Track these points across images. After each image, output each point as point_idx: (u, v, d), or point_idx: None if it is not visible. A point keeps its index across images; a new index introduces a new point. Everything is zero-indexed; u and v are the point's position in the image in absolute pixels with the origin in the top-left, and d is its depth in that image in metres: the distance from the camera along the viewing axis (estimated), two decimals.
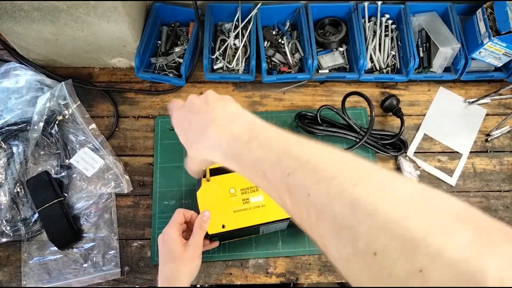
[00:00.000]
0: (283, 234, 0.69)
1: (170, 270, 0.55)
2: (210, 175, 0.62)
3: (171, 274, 0.54)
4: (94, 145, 0.74)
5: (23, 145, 0.73)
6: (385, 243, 0.21)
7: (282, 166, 0.31)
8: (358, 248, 0.23)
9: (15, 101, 0.75)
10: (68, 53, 0.79)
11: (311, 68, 0.77)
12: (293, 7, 0.83)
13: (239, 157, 0.35)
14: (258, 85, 0.82)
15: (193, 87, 0.82)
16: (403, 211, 0.22)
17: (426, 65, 0.81)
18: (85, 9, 0.67)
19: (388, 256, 0.21)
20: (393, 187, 0.25)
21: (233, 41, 0.82)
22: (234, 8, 0.82)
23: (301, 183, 0.28)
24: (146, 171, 0.74)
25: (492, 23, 0.74)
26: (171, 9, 0.83)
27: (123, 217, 0.71)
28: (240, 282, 0.67)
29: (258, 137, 0.35)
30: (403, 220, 0.22)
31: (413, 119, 0.80)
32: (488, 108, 0.81)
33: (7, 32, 0.73)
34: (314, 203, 0.27)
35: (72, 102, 0.76)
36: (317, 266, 0.68)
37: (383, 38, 0.82)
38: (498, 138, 0.79)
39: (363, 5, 0.81)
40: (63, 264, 0.67)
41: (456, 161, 0.77)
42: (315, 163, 0.29)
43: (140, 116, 0.79)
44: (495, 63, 0.79)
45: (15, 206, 0.70)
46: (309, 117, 0.76)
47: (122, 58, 0.81)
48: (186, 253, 0.55)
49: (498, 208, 0.73)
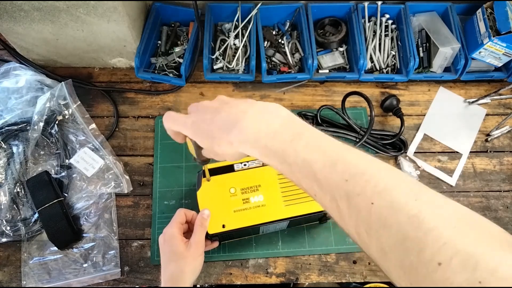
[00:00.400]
0: (283, 234, 0.69)
1: (173, 269, 0.54)
2: (210, 175, 0.62)
3: (175, 273, 0.54)
4: (94, 145, 0.74)
5: (23, 145, 0.73)
6: (450, 256, 0.25)
7: (338, 171, 0.32)
8: (423, 258, 0.26)
9: (15, 101, 0.75)
10: (68, 53, 0.79)
11: (311, 68, 0.77)
12: (293, 7, 0.83)
13: (284, 155, 0.35)
14: (258, 85, 0.82)
15: (193, 87, 0.82)
16: (460, 228, 0.26)
17: (426, 65, 0.81)
18: (85, 9, 0.67)
19: (452, 267, 0.24)
20: (446, 206, 0.29)
21: (233, 41, 0.82)
22: (234, 8, 0.82)
23: (362, 191, 0.30)
24: (146, 171, 0.74)
25: (492, 23, 0.74)
26: (171, 9, 0.83)
27: (123, 217, 0.71)
28: (240, 282, 0.67)
29: (303, 136, 0.35)
30: (463, 237, 0.25)
31: (413, 119, 0.80)
32: (488, 108, 0.81)
33: (7, 32, 0.73)
34: (377, 212, 0.29)
35: (72, 102, 0.76)
36: (317, 266, 0.68)
37: (383, 38, 0.82)
38: (498, 138, 0.79)
39: (363, 5, 0.81)
40: (63, 264, 0.67)
41: (456, 161, 0.77)
42: (373, 173, 0.31)
43: (140, 116, 0.79)
44: (495, 63, 0.79)
45: (15, 206, 0.70)
46: (309, 117, 0.77)
47: (122, 58, 0.81)
48: (189, 252, 0.55)
49: (498, 208, 0.73)
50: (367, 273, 0.67)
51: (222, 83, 0.82)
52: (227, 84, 0.82)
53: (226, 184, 0.61)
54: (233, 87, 0.82)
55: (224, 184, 0.61)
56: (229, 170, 0.62)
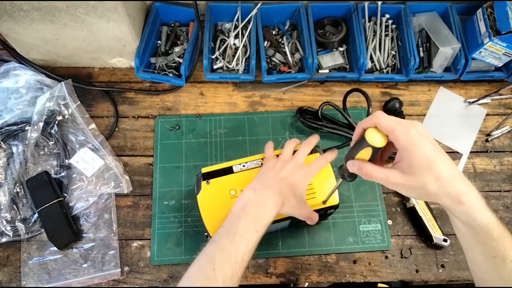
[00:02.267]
0: (283, 234, 0.69)
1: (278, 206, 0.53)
2: (208, 178, 0.61)
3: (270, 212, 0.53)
4: (94, 145, 0.74)
5: (22, 145, 0.73)
6: None
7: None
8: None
9: (14, 101, 0.74)
10: (68, 53, 0.79)
11: (311, 68, 0.77)
12: (293, 7, 0.83)
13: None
14: (258, 85, 0.82)
15: (193, 87, 0.82)
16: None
17: (426, 65, 0.81)
18: (85, 9, 0.67)
19: None
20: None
21: (233, 41, 0.82)
22: (234, 8, 0.82)
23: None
24: (145, 171, 0.74)
25: (492, 23, 0.74)
26: (171, 9, 0.83)
27: (122, 217, 0.71)
28: (240, 282, 0.66)
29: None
30: None
31: (413, 119, 0.80)
32: (488, 108, 0.81)
33: (7, 32, 0.73)
34: None
35: (71, 102, 0.76)
36: (317, 267, 0.68)
37: (383, 38, 0.82)
38: (498, 138, 0.79)
39: (363, 5, 0.81)
40: (63, 264, 0.67)
41: (456, 161, 0.76)
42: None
43: (140, 116, 0.79)
44: (495, 63, 0.79)
45: (15, 206, 0.70)
46: (310, 112, 0.77)
47: (122, 58, 0.81)
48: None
49: (499, 208, 0.73)
50: (367, 273, 0.67)
51: (222, 83, 0.82)
52: (227, 84, 0.82)
53: (226, 186, 0.61)
54: (233, 87, 0.82)
55: (224, 186, 0.61)
56: (228, 172, 0.62)
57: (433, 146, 0.41)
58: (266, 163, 0.59)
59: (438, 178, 0.40)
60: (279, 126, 0.78)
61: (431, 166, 0.40)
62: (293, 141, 0.61)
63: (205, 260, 0.47)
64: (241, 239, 0.49)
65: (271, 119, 0.79)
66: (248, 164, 0.63)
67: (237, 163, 0.63)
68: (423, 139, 0.41)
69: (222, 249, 0.48)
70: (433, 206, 0.72)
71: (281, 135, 0.77)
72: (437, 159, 0.41)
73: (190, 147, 0.76)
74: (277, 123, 0.78)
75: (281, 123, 0.78)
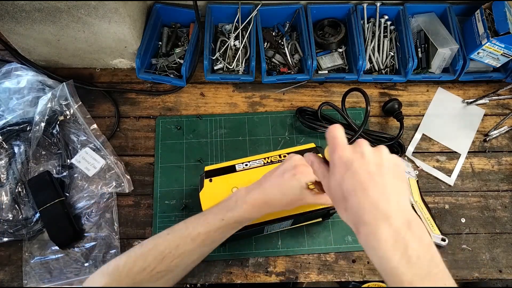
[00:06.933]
0: (283, 234, 0.70)
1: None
2: (211, 176, 0.62)
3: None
4: (95, 145, 0.74)
5: (24, 145, 0.74)
6: None
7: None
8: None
9: (16, 101, 0.75)
10: (69, 53, 0.79)
11: (310, 69, 0.78)
12: (292, 8, 0.83)
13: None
14: (258, 86, 0.83)
15: (194, 88, 0.82)
16: None
17: (425, 65, 0.82)
18: (86, 10, 0.67)
19: None
20: None
21: (233, 42, 0.82)
22: (234, 9, 0.83)
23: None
24: (147, 171, 0.75)
25: (490, 24, 0.75)
26: (171, 10, 0.84)
27: (124, 217, 0.71)
28: (240, 281, 0.67)
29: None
30: None
31: (411, 120, 0.80)
32: (486, 108, 0.82)
33: (9, 33, 0.74)
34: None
35: (73, 103, 0.76)
36: (317, 265, 0.68)
37: (382, 39, 0.83)
38: (496, 138, 0.79)
39: (362, 6, 0.82)
40: (64, 264, 0.67)
41: (455, 161, 0.77)
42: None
43: (141, 117, 0.80)
44: (494, 64, 0.79)
45: (17, 205, 0.70)
46: (310, 112, 0.77)
47: (123, 59, 0.81)
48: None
49: (497, 207, 0.73)
50: (366, 272, 0.68)
51: (222, 83, 0.83)
52: (227, 85, 0.83)
53: (229, 184, 0.61)
54: (233, 88, 0.83)
55: (227, 184, 0.61)
56: (231, 171, 0.63)
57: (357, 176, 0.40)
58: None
59: (345, 208, 0.40)
60: (278, 126, 0.79)
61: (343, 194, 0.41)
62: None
63: (170, 228, 0.54)
64: (205, 220, 0.53)
65: (271, 120, 0.79)
66: (250, 163, 0.63)
67: (240, 162, 0.64)
68: (346, 167, 0.41)
69: (185, 222, 0.54)
70: (431, 205, 0.72)
71: (281, 135, 0.78)
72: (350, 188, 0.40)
73: (190, 147, 0.76)
74: (277, 123, 0.79)
75: (280, 123, 0.79)
